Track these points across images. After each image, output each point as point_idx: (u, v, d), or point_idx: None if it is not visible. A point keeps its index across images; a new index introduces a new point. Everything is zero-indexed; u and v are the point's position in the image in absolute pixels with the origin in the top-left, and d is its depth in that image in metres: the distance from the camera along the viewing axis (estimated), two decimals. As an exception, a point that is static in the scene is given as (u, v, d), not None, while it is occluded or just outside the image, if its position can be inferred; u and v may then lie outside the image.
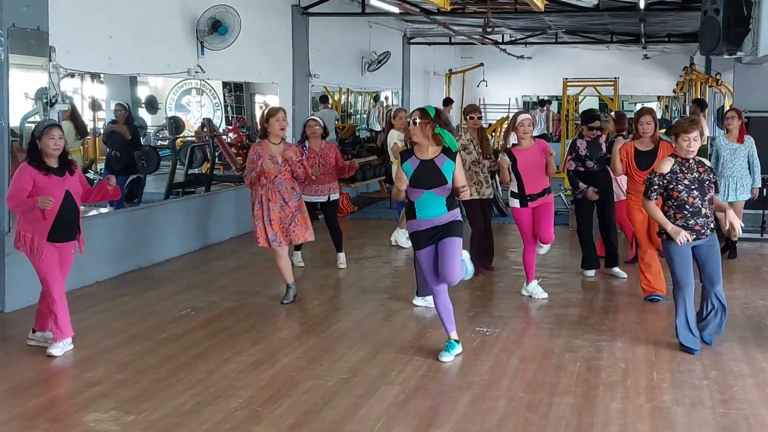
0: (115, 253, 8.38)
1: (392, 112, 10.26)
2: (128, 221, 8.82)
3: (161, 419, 4.75)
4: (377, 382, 5.40)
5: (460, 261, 5.73)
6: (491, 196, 8.70)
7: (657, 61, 22.02)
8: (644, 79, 22.32)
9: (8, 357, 5.84)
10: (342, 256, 9.02)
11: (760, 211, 10.71)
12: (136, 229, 8.81)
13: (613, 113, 10.36)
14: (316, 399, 5.07)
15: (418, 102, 16.98)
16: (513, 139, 7.34)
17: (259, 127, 7.44)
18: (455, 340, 5.89)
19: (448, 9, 11.63)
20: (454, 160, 5.66)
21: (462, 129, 9.00)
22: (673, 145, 5.90)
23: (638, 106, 24.42)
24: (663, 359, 5.90)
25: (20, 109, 7.33)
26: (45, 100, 7.35)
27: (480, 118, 8.72)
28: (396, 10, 13.16)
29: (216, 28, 9.80)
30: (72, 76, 8.34)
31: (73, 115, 9.90)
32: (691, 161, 5.81)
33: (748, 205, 10.71)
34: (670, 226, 5.78)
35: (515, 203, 7.45)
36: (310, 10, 12.86)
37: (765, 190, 10.64)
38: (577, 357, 5.92)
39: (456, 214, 5.75)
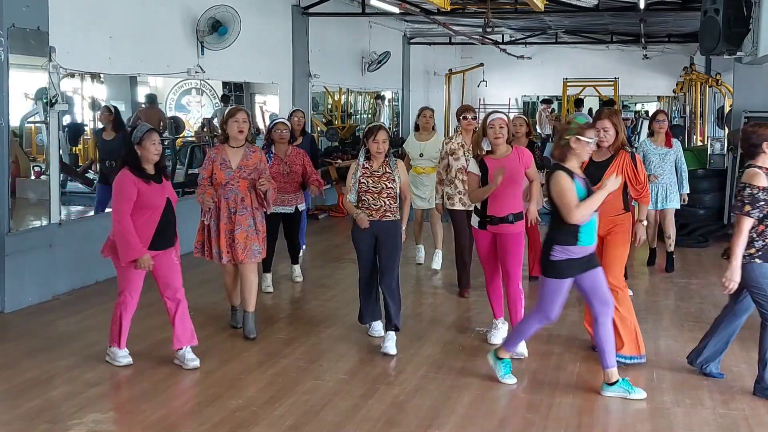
0: (114, 253, 8.35)
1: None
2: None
3: (161, 420, 4.75)
4: (377, 382, 5.41)
5: None
6: None
7: (657, 61, 21.99)
8: (644, 79, 22.31)
9: (8, 358, 5.83)
10: (297, 268, 8.34)
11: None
12: (136, 230, 8.78)
13: None
14: (316, 399, 5.07)
15: (419, 102, 16.97)
16: (486, 145, 5.92)
17: (219, 129, 6.71)
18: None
19: (448, 9, 11.65)
20: None
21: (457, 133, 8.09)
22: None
23: (638, 107, 24.53)
24: (663, 359, 5.90)
25: (20, 109, 7.32)
26: (45, 100, 7.35)
27: (474, 119, 7.69)
28: (396, 10, 13.17)
29: (216, 28, 9.80)
30: (72, 76, 8.33)
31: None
32: None
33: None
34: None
35: (475, 222, 6.15)
36: (310, 10, 12.86)
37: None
38: (577, 357, 5.92)
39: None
